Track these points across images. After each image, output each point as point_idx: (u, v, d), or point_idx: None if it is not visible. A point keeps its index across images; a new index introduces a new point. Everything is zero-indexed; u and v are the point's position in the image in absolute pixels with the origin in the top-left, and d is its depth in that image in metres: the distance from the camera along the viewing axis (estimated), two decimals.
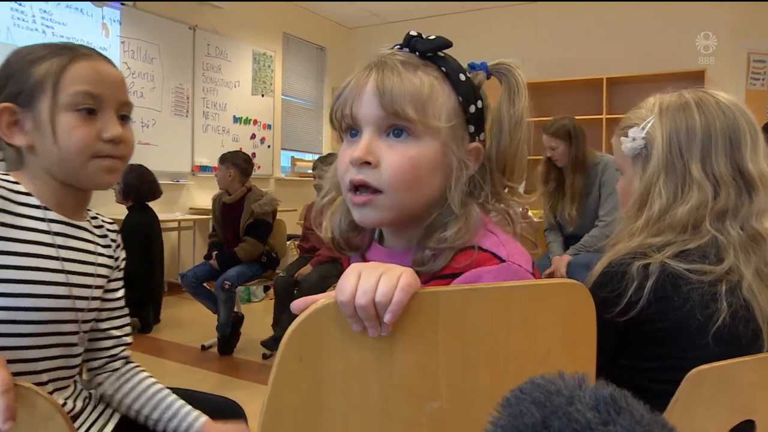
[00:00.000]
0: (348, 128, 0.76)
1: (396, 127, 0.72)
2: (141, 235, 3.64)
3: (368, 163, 0.72)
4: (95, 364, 1.06)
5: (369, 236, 0.86)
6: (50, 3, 4.11)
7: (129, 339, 1.10)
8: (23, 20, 3.96)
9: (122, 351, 1.09)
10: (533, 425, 0.40)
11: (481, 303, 0.61)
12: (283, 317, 3.18)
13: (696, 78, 4.95)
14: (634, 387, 0.43)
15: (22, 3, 3.94)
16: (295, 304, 0.59)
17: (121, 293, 1.09)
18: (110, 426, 1.06)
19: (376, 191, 0.72)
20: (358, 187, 0.74)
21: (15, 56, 0.90)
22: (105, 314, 1.05)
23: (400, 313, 0.56)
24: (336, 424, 0.60)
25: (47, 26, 4.10)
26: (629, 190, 1.00)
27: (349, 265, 0.91)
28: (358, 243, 0.86)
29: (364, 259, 0.86)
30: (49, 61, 0.87)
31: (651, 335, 0.90)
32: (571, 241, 2.96)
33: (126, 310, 1.10)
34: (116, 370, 1.08)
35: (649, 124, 0.96)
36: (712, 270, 0.86)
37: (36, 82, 0.87)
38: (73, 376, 0.99)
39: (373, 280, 0.56)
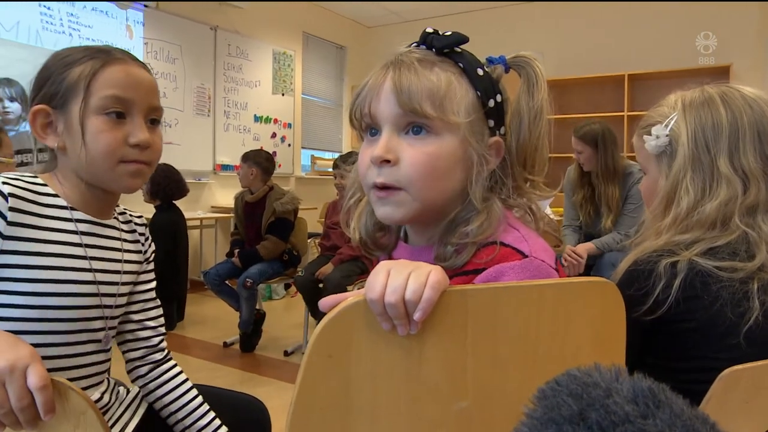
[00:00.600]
0: (367, 127, 0.76)
1: (415, 124, 0.72)
2: (168, 234, 3.69)
3: (388, 161, 0.72)
4: (135, 354, 1.08)
5: (395, 235, 0.87)
6: (76, 7, 4.19)
7: (163, 329, 1.11)
8: (51, 23, 4.05)
9: (161, 342, 1.10)
10: (570, 417, 0.39)
11: (510, 301, 0.60)
12: (319, 316, 3.19)
13: (721, 74, 4.87)
14: None
15: (51, 7, 4.02)
16: (324, 302, 0.59)
17: (152, 285, 1.11)
18: (135, 420, 1.07)
19: (397, 188, 0.73)
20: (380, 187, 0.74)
21: (53, 59, 0.92)
22: (138, 306, 1.07)
23: (430, 310, 0.56)
24: (364, 421, 0.60)
25: (74, 29, 4.19)
26: (654, 189, 0.98)
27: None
28: (385, 243, 0.86)
29: (391, 258, 0.86)
30: (84, 64, 0.88)
31: (679, 334, 0.88)
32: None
33: (158, 302, 1.12)
34: (157, 364, 1.09)
35: (673, 121, 0.95)
36: (743, 267, 0.84)
37: (69, 85, 0.88)
38: (106, 371, 1.01)
39: (403, 277, 0.56)
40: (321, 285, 3.25)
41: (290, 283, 3.98)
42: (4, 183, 0.84)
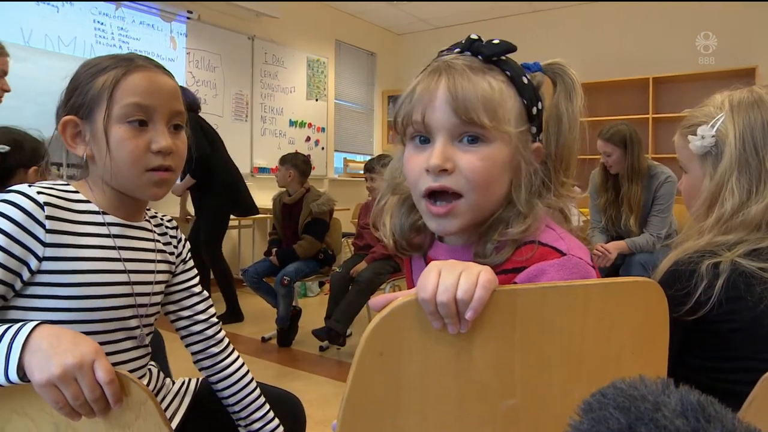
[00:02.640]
0: (415, 134, 0.74)
1: (469, 133, 0.71)
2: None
3: (446, 170, 0.70)
4: (195, 348, 1.09)
5: (430, 235, 0.85)
6: (126, 21, 4.31)
7: (215, 320, 1.12)
8: (104, 37, 4.18)
9: (216, 333, 1.10)
10: (619, 431, 0.38)
11: (557, 301, 0.59)
12: (337, 310, 3.21)
13: (747, 76, 4.71)
14: (701, 388, 0.40)
15: (104, 22, 4.16)
16: (374, 302, 0.59)
17: (195, 281, 1.11)
18: (182, 409, 1.09)
19: (456, 196, 0.71)
20: (435, 196, 0.72)
21: (82, 68, 0.91)
22: (184, 303, 1.08)
23: (481, 309, 0.55)
24: (413, 418, 0.59)
25: (123, 41, 4.30)
26: (696, 189, 0.95)
27: (410, 265, 0.90)
28: (419, 242, 0.85)
29: (426, 258, 0.85)
30: (107, 73, 0.87)
31: (721, 335, 0.85)
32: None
33: (205, 294, 1.12)
34: (216, 357, 1.10)
35: (720, 122, 0.91)
36: None
37: (94, 95, 0.87)
38: (145, 365, 1.02)
39: (454, 277, 0.55)
40: (351, 286, 3.26)
41: (324, 281, 4.00)
42: (39, 193, 0.84)
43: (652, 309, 0.64)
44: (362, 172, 3.80)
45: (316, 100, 6.13)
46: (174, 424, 1.04)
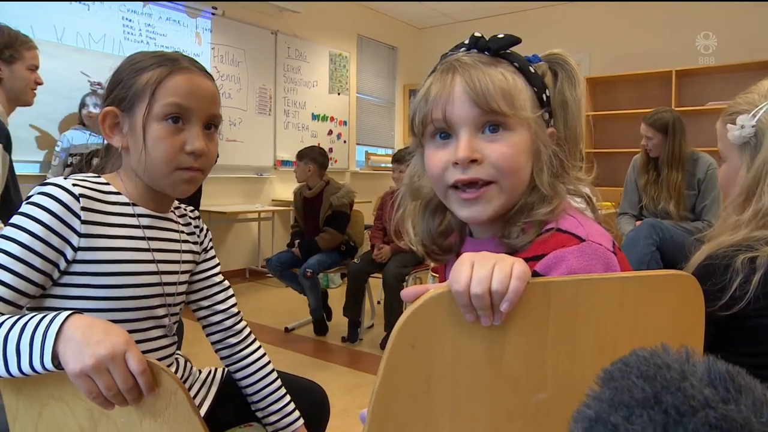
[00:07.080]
0: (436, 132, 0.75)
1: (491, 123, 0.71)
2: None
3: (475, 161, 0.70)
4: (214, 338, 1.10)
5: (459, 235, 0.85)
6: (153, 18, 4.36)
7: (235, 310, 1.12)
8: (132, 34, 4.23)
9: (235, 324, 1.11)
10: (644, 400, 0.35)
11: (591, 294, 0.57)
12: (353, 307, 3.24)
13: None
14: None
15: (132, 19, 4.21)
16: (407, 293, 0.57)
17: (216, 270, 1.11)
18: (210, 397, 1.10)
19: (486, 183, 0.71)
20: (464, 186, 0.72)
21: (127, 63, 0.92)
22: (204, 292, 1.08)
23: (517, 301, 0.54)
24: (444, 411, 0.58)
25: (151, 37, 4.35)
26: (733, 179, 0.91)
27: (446, 269, 0.89)
28: (449, 245, 0.85)
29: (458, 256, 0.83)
30: (152, 71, 0.88)
31: (757, 330, 0.82)
32: None
33: (226, 284, 1.13)
34: (234, 348, 1.10)
35: (762, 111, 0.87)
36: None
37: (137, 91, 0.88)
38: (172, 354, 1.02)
39: (488, 269, 0.54)
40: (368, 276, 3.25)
41: (346, 272, 4.00)
42: (74, 185, 0.85)
43: (688, 303, 0.62)
44: (384, 165, 3.70)
45: (339, 94, 6.13)
46: (202, 413, 1.05)
